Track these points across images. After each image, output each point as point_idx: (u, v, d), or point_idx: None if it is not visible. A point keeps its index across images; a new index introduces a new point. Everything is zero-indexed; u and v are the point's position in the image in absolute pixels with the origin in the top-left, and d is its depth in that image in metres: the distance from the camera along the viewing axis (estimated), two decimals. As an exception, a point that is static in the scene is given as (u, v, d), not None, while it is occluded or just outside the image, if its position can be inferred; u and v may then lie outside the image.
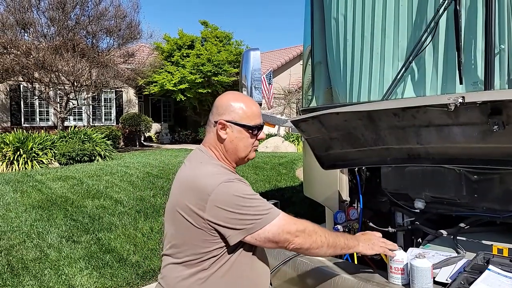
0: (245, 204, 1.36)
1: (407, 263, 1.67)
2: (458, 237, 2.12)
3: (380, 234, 1.69)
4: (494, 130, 1.56)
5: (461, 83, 1.92)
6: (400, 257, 1.68)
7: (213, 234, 1.38)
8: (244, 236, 1.38)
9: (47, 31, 13.25)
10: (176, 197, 1.47)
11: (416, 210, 2.36)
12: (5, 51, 12.58)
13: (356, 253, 2.33)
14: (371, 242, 1.61)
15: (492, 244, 1.95)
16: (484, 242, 2.06)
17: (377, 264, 1.93)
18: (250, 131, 1.51)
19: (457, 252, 1.96)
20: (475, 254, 1.82)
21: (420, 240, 2.39)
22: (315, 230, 1.45)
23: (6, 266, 4.09)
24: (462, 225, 2.21)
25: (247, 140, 1.51)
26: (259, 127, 1.53)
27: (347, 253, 1.55)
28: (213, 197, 1.35)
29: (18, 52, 12.50)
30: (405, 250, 1.87)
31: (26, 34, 13.06)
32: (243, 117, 1.49)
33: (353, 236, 1.62)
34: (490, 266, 1.65)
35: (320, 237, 1.45)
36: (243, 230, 1.37)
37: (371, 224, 2.58)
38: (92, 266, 4.15)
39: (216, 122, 1.50)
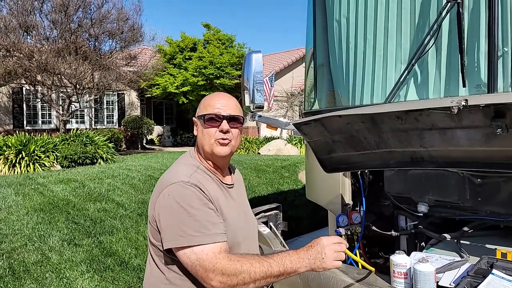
0: (181, 214, 1.31)
1: (410, 267, 1.66)
2: (461, 241, 2.11)
3: (337, 239, 1.42)
4: (498, 133, 1.55)
5: (464, 86, 1.91)
6: (403, 261, 1.67)
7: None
8: (168, 247, 1.33)
9: (49, 34, 13.32)
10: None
11: (419, 214, 2.35)
12: (8, 54, 12.65)
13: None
14: (320, 257, 1.35)
15: (496, 248, 1.93)
16: (487, 246, 2.05)
17: (380, 268, 1.92)
18: (202, 120, 1.51)
19: (461, 256, 1.94)
20: (479, 258, 1.81)
21: (424, 244, 2.38)
22: (239, 270, 1.27)
23: (7, 269, 4.08)
24: (465, 229, 2.20)
25: (205, 131, 1.50)
26: (211, 116, 1.48)
27: (287, 277, 1.36)
28: (161, 196, 1.38)
29: (21, 55, 12.57)
30: (408, 254, 1.86)
31: (28, 37, 13.15)
32: (201, 109, 1.54)
33: (299, 254, 1.36)
34: (494, 271, 1.64)
35: (243, 277, 1.27)
36: (167, 241, 1.33)
37: (374, 227, 2.57)
38: (93, 270, 4.15)
39: None
